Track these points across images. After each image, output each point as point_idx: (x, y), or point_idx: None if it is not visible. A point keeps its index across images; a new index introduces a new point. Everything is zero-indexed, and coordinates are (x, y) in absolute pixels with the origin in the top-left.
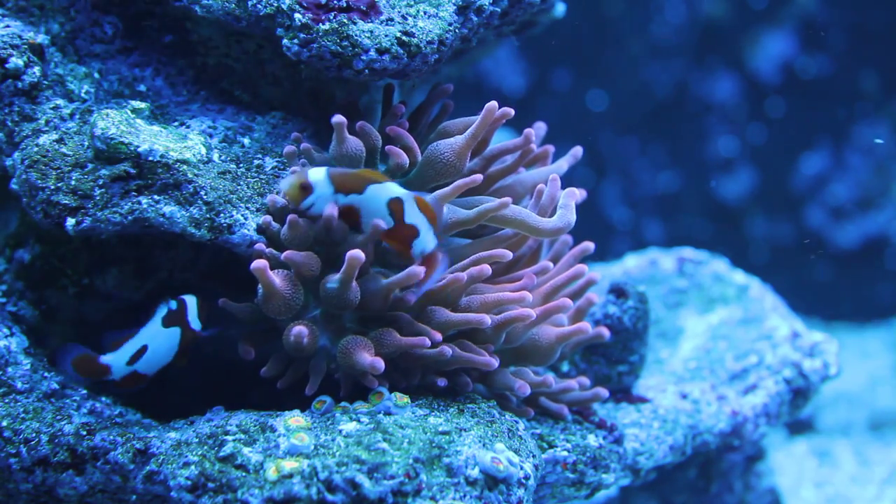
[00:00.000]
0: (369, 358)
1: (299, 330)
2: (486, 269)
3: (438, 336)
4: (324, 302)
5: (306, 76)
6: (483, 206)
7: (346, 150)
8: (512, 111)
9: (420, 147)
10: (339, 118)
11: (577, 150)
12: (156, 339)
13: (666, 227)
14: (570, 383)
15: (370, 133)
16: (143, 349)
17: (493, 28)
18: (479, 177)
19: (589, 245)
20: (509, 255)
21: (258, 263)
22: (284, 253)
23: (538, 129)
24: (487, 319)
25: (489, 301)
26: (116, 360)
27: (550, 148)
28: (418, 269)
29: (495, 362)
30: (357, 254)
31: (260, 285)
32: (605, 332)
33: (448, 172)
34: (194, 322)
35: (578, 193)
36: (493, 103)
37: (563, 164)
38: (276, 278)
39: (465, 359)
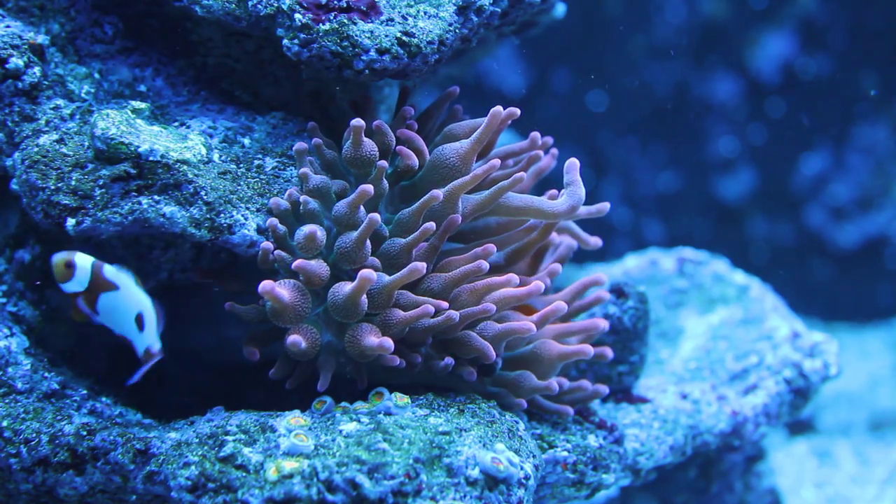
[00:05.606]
0: (377, 340)
1: (293, 339)
2: (491, 308)
3: (444, 304)
4: (332, 311)
5: (307, 76)
6: (498, 185)
7: (362, 153)
8: (518, 111)
9: (428, 149)
10: (358, 121)
11: (604, 206)
12: None
13: (666, 227)
14: (572, 385)
15: (386, 133)
16: None
17: (493, 28)
18: (496, 161)
19: (601, 276)
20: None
21: (265, 286)
22: (295, 262)
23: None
24: (493, 307)
25: (499, 332)
26: None
27: (554, 151)
28: (420, 266)
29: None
30: (369, 273)
31: (269, 301)
32: (609, 353)
33: (453, 177)
34: None
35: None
36: (499, 108)
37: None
38: (285, 292)
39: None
